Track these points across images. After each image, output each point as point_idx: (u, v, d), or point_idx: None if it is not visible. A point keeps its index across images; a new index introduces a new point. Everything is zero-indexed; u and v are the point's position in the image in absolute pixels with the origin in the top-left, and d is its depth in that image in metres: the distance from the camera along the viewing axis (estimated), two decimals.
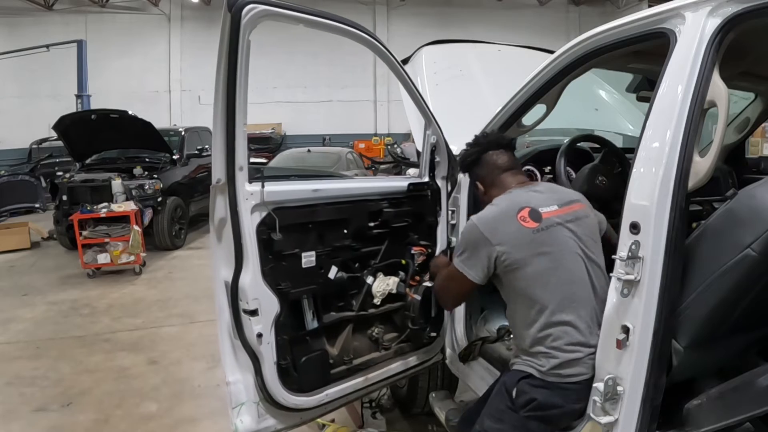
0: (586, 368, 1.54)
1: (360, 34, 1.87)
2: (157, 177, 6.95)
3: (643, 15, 1.51)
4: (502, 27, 15.36)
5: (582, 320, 1.56)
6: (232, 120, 1.64)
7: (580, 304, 1.57)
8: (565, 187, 2.10)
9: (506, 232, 1.60)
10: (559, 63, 1.82)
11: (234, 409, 1.86)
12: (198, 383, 3.41)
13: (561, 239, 1.61)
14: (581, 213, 1.70)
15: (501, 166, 1.79)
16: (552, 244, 1.60)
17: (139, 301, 5.22)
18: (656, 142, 1.36)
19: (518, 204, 1.64)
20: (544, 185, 1.82)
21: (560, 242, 1.61)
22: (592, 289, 1.60)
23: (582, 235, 1.64)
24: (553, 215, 1.63)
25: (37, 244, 7.76)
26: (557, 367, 1.55)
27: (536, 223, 1.60)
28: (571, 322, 1.55)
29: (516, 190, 1.72)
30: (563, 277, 1.58)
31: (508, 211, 1.63)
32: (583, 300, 1.58)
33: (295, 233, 1.91)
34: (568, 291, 1.58)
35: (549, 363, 1.55)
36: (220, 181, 1.72)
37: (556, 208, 1.65)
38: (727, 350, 1.57)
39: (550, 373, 1.55)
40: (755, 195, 1.32)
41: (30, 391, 3.34)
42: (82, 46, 11.29)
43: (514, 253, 1.59)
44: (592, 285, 1.60)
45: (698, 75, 1.32)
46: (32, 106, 13.77)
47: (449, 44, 2.94)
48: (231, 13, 1.55)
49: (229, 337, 1.86)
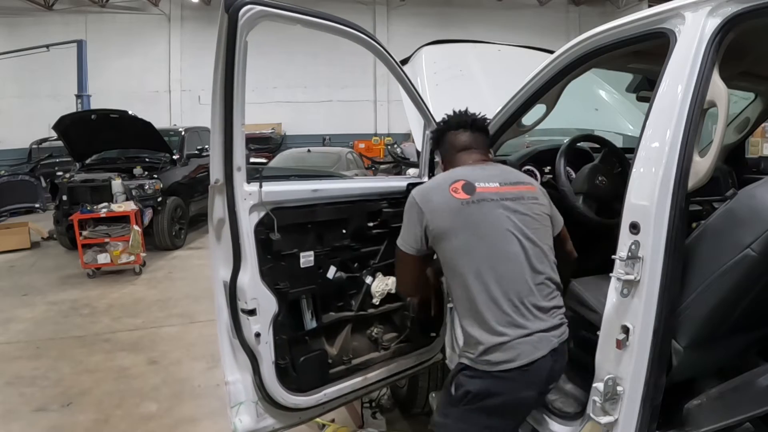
0: (514, 354, 1.49)
1: (358, 35, 1.87)
2: (157, 177, 6.94)
3: (643, 15, 1.51)
4: (502, 27, 15.36)
5: (509, 299, 1.52)
6: (230, 120, 1.64)
7: (508, 282, 1.53)
8: (564, 187, 2.11)
9: (436, 201, 1.63)
10: (559, 63, 1.82)
11: (233, 409, 1.86)
12: (198, 383, 3.41)
13: (492, 215, 1.60)
14: (528, 194, 1.68)
15: (458, 145, 1.80)
16: (481, 218, 1.59)
17: (139, 301, 5.21)
18: (656, 142, 1.36)
19: (455, 177, 1.67)
20: (500, 167, 1.80)
21: (491, 218, 1.59)
22: (528, 268, 1.57)
23: (522, 214, 1.62)
24: (489, 191, 1.63)
25: (37, 244, 7.76)
26: (484, 354, 1.52)
27: (467, 196, 1.60)
28: (496, 300, 1.52)
29: (465, 166, 1.74)
30: (488, 252, 1.56)
31: (443, 183, 1.66)
32: (513, 279, 1.54)
33: (294, 233, 1.91)
34: (493, 266, 1.55)
35: (477, 350, 1.53)
36: (218, 182, 1.72)
37: (497, 186, 1.65)
38: (727, 350, 1.57)
39: (479, 361, 1.53)
40: (755, 195, 1.32)
41: (30, 391, 3.34)
42: (82, 46, 11.30)
43: (440, 222, 1.60)
44: (530, 265, 1.57)
45: (698, 75, 1.32)
46: (32, 106, 13.77)
47: (449, 44, 2.94)
48: (228, 13, 1.55)
49: (228, 336, 1.86)
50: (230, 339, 1.86)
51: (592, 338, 1.54)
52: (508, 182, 1.68)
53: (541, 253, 1.62)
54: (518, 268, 1.56)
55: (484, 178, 1.66)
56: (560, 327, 1.60)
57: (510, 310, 1.52)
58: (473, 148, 1.81)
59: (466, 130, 1.81)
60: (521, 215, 1.62)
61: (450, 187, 1.62)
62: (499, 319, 1.51)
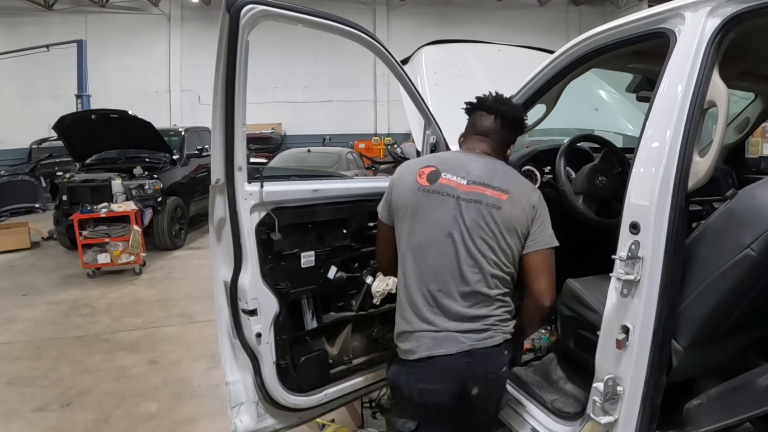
0: (416, 344, 1.57)
1: (359, 35, 1.87)
2: (157, 177, 6.95)
3: (643, 15, 1.51)
4: (502, 27, 15.36)
5: (423, 294, 1.58)
6: (231, 120, 1.64)
7: (429, 277, 1.59)
8: (564, 187, 2.10)
9: (404, 180, 1.70)
10: (559, 63, 1.82)
11: (233, 409, 1.86)
12: (198, 383, 3.41)
13: (439, 209, 1.60)
14: (490, 200, 1.59)
15: (475, 128, 1.75)
16: (428, 208, 1.61)
17: (139, 301, 5.22)
18: (656, 142, 1.36)
19: (430, 161, 1.70)
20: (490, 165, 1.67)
21: (437, 211, 1.60)
22: (457, 272, 1.57)
23: (472, 218, 1.57)
24: (449, 184, 1.61)
25: (37, 244, 7.76)
26: (397, 339, 1.62)
27: (427, 183, 1.63)
28: (412, 290, 1.60)
29: (458, 152, 1.75)
30: (420, 243, 1.62)
31: (418, 164, 1.71)
32: (435, 276, 1.58)
33: (295, 233, 1.91)
34: (421, 259, 1.61)
35: (395, 336, 1.62)
36: (219, 181, 1.72)
37: (462, 182, 1.61)
38: (727, 350, 1.57)
39: (397, 349, 1.62)
40: (755, 195, 1.33)
41: (30, 391, 3.34)
42: (82, 46, 11.29)
43: (398, 200, 1.68)
44: (459, 270, 1.56)
45: (698, 75, 1.32)
46: (32, 106, 13.76)
47: (449, 44, 2.94)
48: (230, 13, 1.55)
49: (229, 336, 1.87)
50: (231, 339, 1.86)
51: (592, 338, 1.54)
52: (478, 182, 1.61)
53: (476, 265, 1.57)
54: (444, 269, 1.59)
55: (456, 171, 1.64)
56: (483, 332, 1.57)
57: (421, 303, 1.59)
58: (485, 137, 1.73)
59: (491, 116, 1.73)
60: (471, 219, 1.58)
61: (419, 170, 1.67)
62: (410, 308, 1.61)
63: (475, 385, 1.59)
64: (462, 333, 1.56)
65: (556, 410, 1.75)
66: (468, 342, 1.56)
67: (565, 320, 1.86)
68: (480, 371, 1.58)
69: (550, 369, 1.99)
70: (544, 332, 2.39)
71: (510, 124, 1.75)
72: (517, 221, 1.60)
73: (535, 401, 1.85)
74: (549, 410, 1.77)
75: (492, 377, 1.61)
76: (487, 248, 1.58)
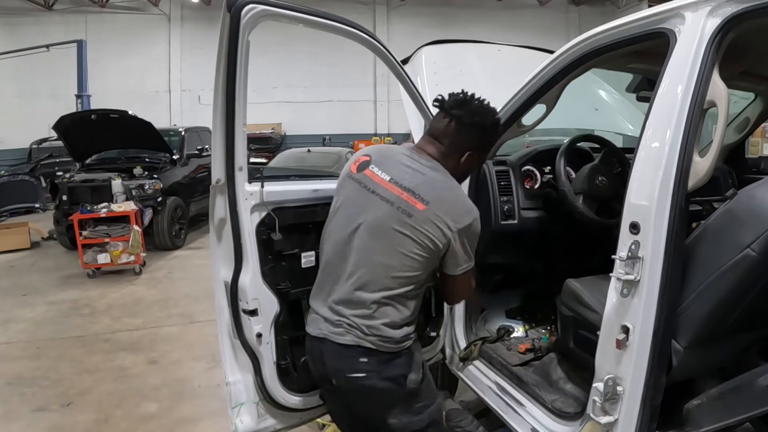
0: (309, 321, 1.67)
1: (359, 34, 1.86)
2: (157, 177, 6.95)
3: (643, 15, 1.51)
4: (502, 27, 15.36)
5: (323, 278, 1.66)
6: (232, 120, 1.64)
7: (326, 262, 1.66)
8: (564, 187, 2.10)
9: (347, 164, 1.73)
10: (559, 63, 1.82)
11: (234, 409, 1.86)
12: (198, 383, 3.41)
13: (353, 200, 1.62)
14: (406, 206, 1.51)
15: (429, 127, 1.70)
16: (346, 196, 1.65)
17: (139, 301, 5.21)
18: (656, 142, 1.36)
19: (371, 152, 1.70)
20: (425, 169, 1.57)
21: (349, 202, 1.63)
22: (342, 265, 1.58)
23: (377, 216, 1.53)
24: (374, 179, 1.59)
25: (37, 244, 7.75)
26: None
27: (355, 171, 1.65)
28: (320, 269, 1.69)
29: (402, 148, 1.71)
30: (329, 228, 1.67)
31: (361, 152, 1.74)
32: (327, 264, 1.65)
33: (295, 233, 1.91)
34: (325, 242, 1.68)
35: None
36: (219, 181, 1.72)
37: (386, 179, 1.56)
38: (727, 350, 1.57)
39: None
40: (755, 195, 1.33)
41: (30, 391, 3.34)
42: (82, 46, 11.28)
43: (337, 181, 1.74)
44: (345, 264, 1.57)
45: (698, 75, 1.32)
46: (32, 106, 13.75)
47: (449, 44, 2.93)
48: (230, 13, 1.55)
49: (229, 337, 1.87)
50: (231, 339, 1.86)
51: (592, 338, 1.54)
52: (401, 184, 1.54)
53: (359, 262, 1.54)
54: (335, 256, 1.63)
55: (385, 167, 1.59)
56: (337, 327, 1.57)
57: (322, 285, 1.66)
58: (435, 140, 1.62)
59: (446, 119, 1.60)
60: (376, 217, 1.54)
61: (359, 157, 1.69)
62: (316, 285, 1.69)
63: (333, 377, 1.61)
64: (324, 320, 1.61)
65: (556, 410, 1.75)
66: (327, 332, 1.59)
67: (565, 320, 1.86)
68: (333, 365, 1.60)
69: (550, 369, 1.99)
70: (544, 332, 2.40)
71: (466, 131, 1.59)
72: (427, 234, 1.50)
73: (535, 401, 1.85)
74: (549, 410, 1.78)
75: (352, 379, 1.56)
76: (381, 251, 1.53)
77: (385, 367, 1.56)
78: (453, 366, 2.34)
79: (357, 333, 1.55)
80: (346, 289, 1.57)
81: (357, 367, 1.56)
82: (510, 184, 2.22)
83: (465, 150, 1.61)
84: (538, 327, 2.46)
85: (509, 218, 2.18)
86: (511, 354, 2.20)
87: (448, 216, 1.52)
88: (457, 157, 1.62)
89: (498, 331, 2.36)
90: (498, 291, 2.54)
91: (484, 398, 2.10)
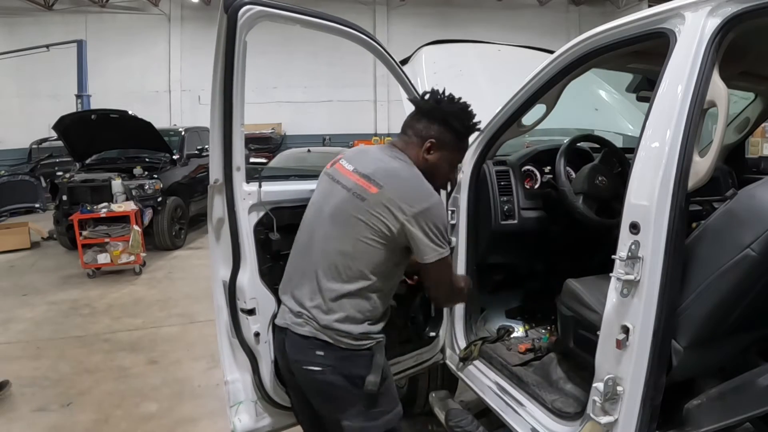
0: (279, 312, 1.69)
1: (358, 35, 1.86)
2: (157, 177, 6.95)
3: (643, 15, 1.51)
4: (502, 27, 15.35)
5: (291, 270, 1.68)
6: (229, 120, 1.64)
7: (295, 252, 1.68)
8: (564, 187, 2.09)
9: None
10: (559, 63, 1.81)
11: (232, 408, 1.86)
12: (198, 383, 3.41)
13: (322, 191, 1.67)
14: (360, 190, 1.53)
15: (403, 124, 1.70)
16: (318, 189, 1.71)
17: (139, 301, 5.22)
18: (656, 142, 1.36)
19: (348, 150, 1.76)
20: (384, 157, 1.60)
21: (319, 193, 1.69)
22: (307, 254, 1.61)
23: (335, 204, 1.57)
24: (341, 171, 1.64)
25: (37, 244, 7.76)
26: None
27: (329, 167, 1.71)
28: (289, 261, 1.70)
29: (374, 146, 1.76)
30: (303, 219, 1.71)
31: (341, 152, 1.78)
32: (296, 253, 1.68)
33: (293, 233, 1.90)
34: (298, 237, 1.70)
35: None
36: (217, 181, 1.72)
37: (350, 170, 1.60)
38: (727, 350, 1.56)
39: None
40: (755, 195, 1.32)
41: (30, 391, 3.34)
42: (82, 46, 11.28)
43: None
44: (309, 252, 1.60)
45: (698, 75, 1.32)
46: (32, 106, 13.75)
47: (449, 44, 2.93)
48: (227, 13, 1.55)
49: (228, 336, 1.87)
50: (229, 339, 1.86)
51: (592, 338, 1.54)
52: (360, 172, 1.57)
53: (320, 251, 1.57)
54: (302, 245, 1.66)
55: (354, 161, 1.63)
56: (300, 319, 1.58)
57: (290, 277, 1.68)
58: (402, 132, 1.66)
59: (416, 117, 1.64)
60: (334, 205, 1.58)
61: (337, 156, 1.73)
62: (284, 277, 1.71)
63: (293, 368, 1.62)
64: (288, 311, 1.62)
65: (556, 410, 1.75)
66: (288, 321, 1.61)
67: (565, 320, 1.86)
68: (292, 356, 1.61)
69: (550, 369, 1.98)
70: (544, 332, 2.39)
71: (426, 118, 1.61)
72: (379, 218, 1.49)
73: (535, 401, 1.85)
74: (549, 410, 1.77)
75: (308, 372, 1.56)
76: (339, 237, 1.54)
77: (342, 363, 1.54)
78: (453, 366, 2.34)
79: (314, 324, 1.54)
80: (307, 280, 1.59)
81: (313, 360, 1.55)
82: (510, 184, 2.22)
83: (426, 137, 1.60)
84: (538, 327, 2.46)
85: (509, 218, 2.18)
86: (511, 354, 2.20)
87: (402, 200, 1.48)
88: (418, 143, 1.61)
89: (498, 331, 2.36)
90: (498, 291, 2.54)
91: (484, 398, 2.10)
